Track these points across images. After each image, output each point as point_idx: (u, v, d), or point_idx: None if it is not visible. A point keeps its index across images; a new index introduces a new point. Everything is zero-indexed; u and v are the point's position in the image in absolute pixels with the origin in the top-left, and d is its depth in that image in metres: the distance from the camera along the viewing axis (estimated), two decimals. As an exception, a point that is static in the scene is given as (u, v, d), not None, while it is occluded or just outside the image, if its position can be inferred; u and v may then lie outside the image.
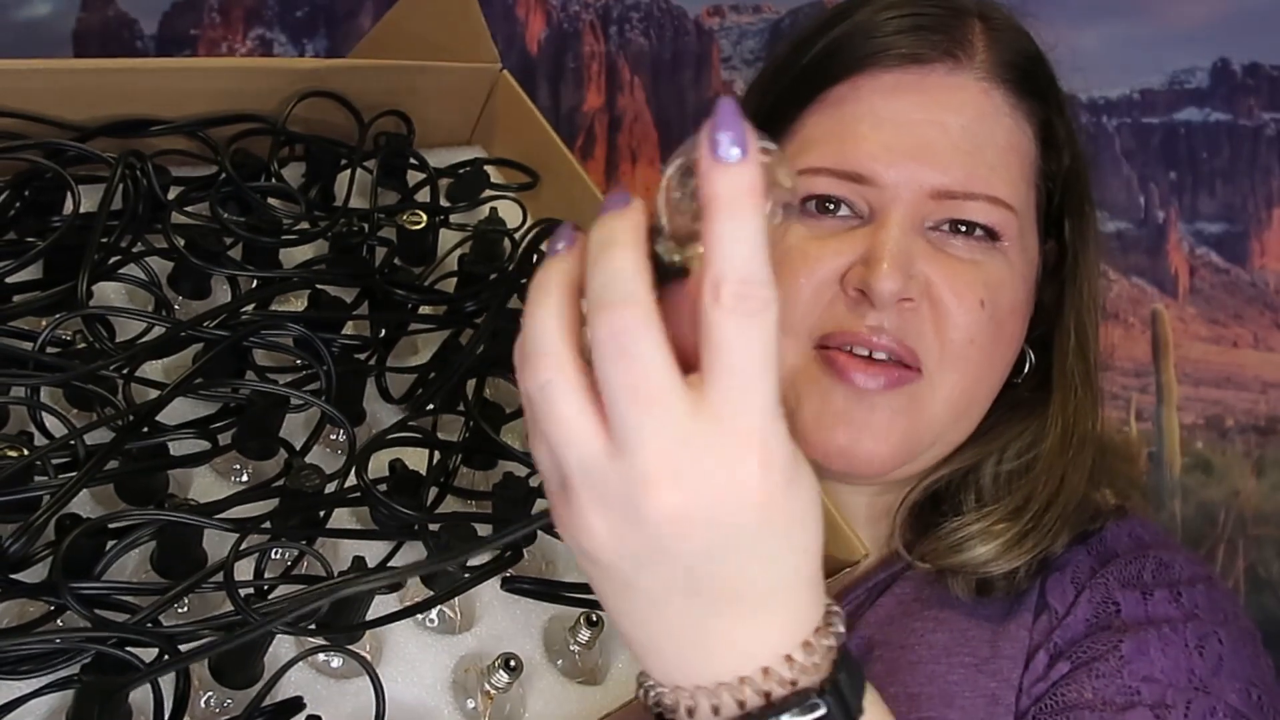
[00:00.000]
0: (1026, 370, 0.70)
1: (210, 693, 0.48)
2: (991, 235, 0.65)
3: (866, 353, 0.63)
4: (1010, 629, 0.63)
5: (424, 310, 0.61)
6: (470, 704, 0.52)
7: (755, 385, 0.34)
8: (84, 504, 0.50)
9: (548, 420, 0.36)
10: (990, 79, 0.66)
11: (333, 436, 0.57)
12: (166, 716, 0.44)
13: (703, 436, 0.34)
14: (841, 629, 0.38)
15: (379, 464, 0.54)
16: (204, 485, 0.53)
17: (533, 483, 0.56)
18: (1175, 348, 1.03)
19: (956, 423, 0.66)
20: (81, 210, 0.55)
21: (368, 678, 0.48)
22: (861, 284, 0.63)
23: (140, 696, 0.45)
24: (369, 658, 0.50)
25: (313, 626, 0.48)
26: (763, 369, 0.34)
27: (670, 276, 0.36)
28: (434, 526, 0.52)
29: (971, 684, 0.61)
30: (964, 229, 0.64)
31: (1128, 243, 1.07)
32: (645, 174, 1.11)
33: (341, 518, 0.54)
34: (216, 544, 0.50)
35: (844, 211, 0.65)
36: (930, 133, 0.64)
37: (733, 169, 0.34)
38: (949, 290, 0.63)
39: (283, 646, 0.49)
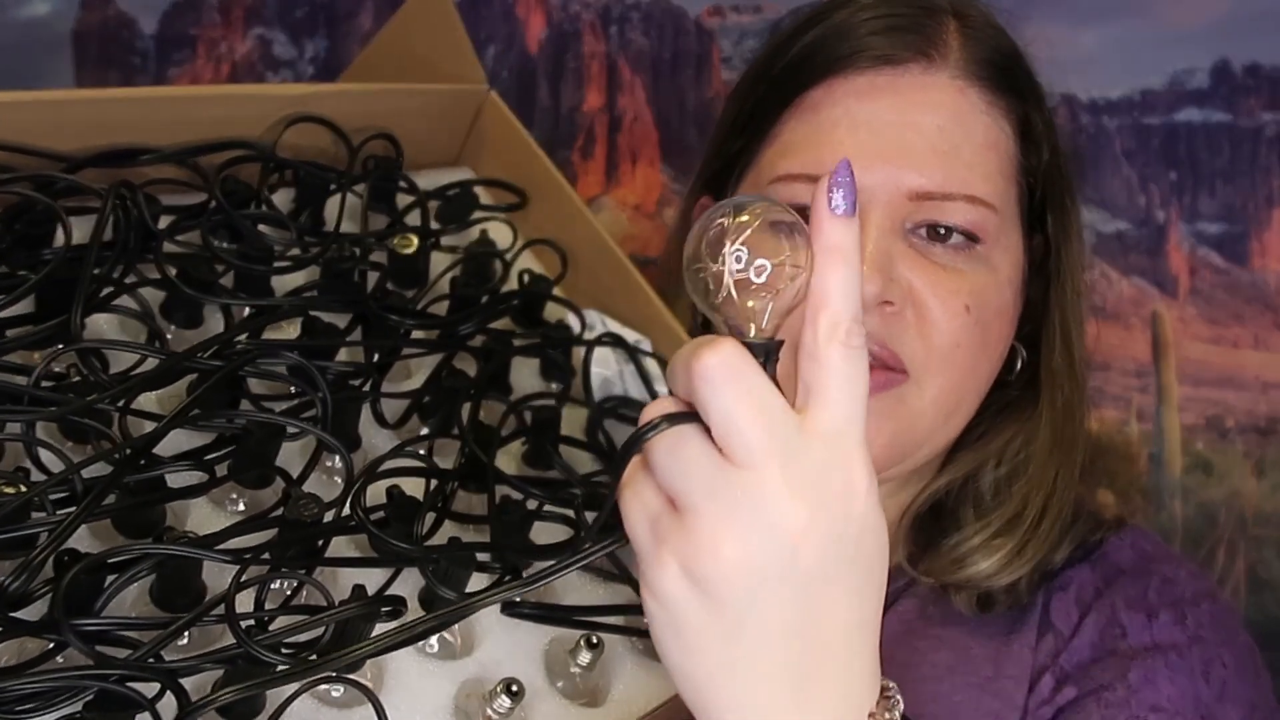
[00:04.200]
0: (1019, 368, 0.69)
1: (212, 725, 0.48)
2: (971, 238, 0.64)
3: None
4: (1014, 648, 0.63)
5: (417, 334, 0.61)
6: (472, 730, 0.52)
7: (859, 411, 0.40)
8: (81, 539, 0.50)
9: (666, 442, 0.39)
10: (965, 77, 0.65)
11: (328, 463, 0.57)
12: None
13: (818, 453, 0.38)
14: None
15: (376, 489, 0.54)
16: (201, 516, 0.53)
17: (529, 506, 0.57)
18: (1175, 348, 1.03)
19: (946, 422, 0.66)
20: (73, 242, 0.55)
21: (370, 707, 0.48)
22: None
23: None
24: (370, 686, 0.50)
25: (314, 656, 0.48)
26: (864, 397, 0.40)
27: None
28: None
29: (975, 704, 0.61)
30: (943, 233, 0.64)
31: (1128, 243, 1.06)
32: (645, 174, 1.10)
33: (339, 544, 0.54)
34: (216, 575, 0.50)
35: None
36: (906, 134, 0.63)
37: (844, 222, 0.39)
38: (933, 296, 0.63)
39: (283, 677, 0.49)
